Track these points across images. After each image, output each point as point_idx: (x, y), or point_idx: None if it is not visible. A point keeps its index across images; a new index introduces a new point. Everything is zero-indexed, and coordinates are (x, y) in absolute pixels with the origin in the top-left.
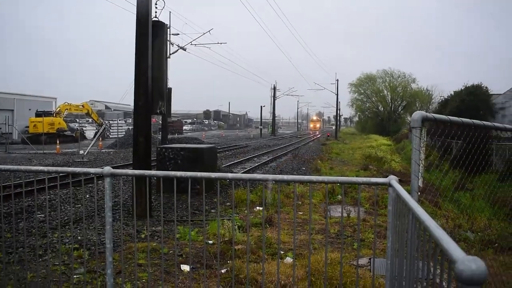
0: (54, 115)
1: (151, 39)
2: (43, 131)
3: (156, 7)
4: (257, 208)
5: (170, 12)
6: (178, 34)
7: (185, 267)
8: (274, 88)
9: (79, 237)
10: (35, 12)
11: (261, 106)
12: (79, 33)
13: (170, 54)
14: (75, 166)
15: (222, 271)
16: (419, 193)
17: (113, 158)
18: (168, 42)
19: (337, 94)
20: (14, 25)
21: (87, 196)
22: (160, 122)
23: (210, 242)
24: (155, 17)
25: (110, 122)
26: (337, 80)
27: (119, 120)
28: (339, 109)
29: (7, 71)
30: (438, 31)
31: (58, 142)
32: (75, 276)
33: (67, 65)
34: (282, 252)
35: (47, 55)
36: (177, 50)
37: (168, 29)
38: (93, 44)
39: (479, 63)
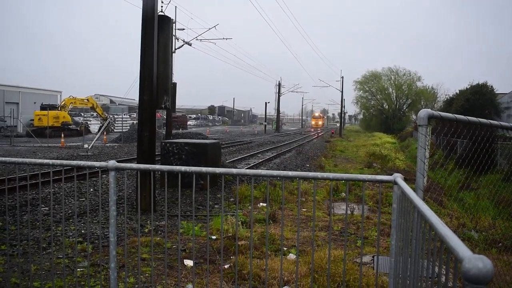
0: (59, 108)
1: (157, 34)
2: (48, 124)
3: (162, 2)
4: (261, 204)
5: (176, 6)
6: (184, 29)
7: (189, 262)
8: (279, 85)
9: (83, 231)
10: (39, 6)
11: (266, 103)
12: (85, 27)
13: (175, 49)
14: (79, 159)
15: (225, 266)
16: (423, 191)
17: (117, 152)
18: (173, 37)
19: (342, 92)
20: (17, 18)
21: (91, 189)
22: (165, 117)
23: (214, 237)
24: (161, 11)
25: (115, 116)
26: (342, 77)
27: (124, 115)
28: (344, 107)
29: (11, 65)
30: (445, 29)
31: (62, 135)
32: (78, 269)
33: (73, 58)
34: (285, 249)
35: (51, 48)
36: (183, 45)
37: (174, 24)
38: (99, 38)
39: (486, 62)
